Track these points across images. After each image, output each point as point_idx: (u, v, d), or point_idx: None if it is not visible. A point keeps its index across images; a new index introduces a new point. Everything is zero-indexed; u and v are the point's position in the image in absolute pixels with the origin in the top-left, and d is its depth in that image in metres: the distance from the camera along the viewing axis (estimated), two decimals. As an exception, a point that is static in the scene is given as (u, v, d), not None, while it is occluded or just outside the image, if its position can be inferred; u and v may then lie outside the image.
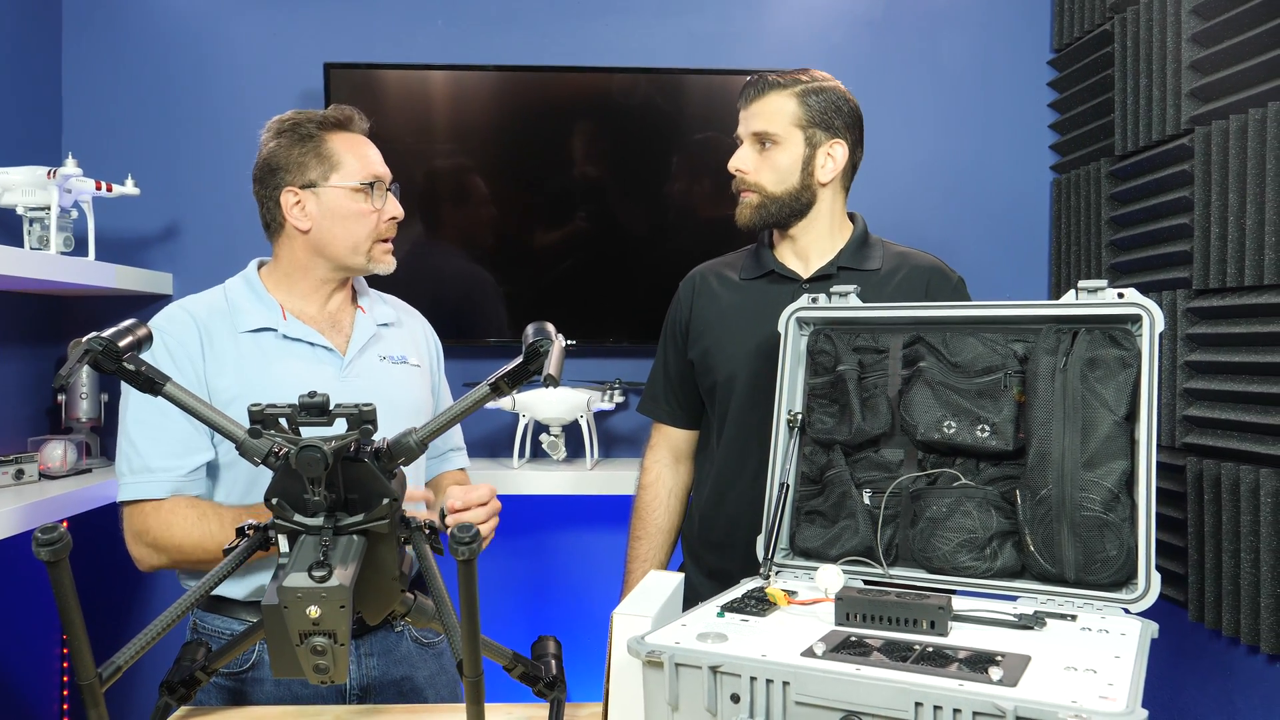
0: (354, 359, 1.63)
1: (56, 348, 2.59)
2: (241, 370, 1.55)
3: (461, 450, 1.88)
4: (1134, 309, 1.25)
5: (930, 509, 1.32)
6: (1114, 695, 0.89)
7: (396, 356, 1.69)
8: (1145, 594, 1.18)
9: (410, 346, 1.74)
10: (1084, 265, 2.52)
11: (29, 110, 2.51)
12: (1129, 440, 1.25)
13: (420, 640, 1.67)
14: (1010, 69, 2.74)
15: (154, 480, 1.51)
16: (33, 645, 2.50)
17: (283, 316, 1.61)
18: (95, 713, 0.96)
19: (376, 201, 1.61)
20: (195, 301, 1.62)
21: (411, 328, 1.79)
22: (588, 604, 2.72)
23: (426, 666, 1.67)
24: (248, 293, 1.63)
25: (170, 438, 1.52)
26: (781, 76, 1.73)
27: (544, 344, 1.07)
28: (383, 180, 1.63)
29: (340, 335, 1.65)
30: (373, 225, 1.62)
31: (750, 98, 1.74)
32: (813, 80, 1.73)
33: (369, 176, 1.61)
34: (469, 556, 0.87)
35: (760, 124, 1.71)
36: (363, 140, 1.65)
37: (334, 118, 1.63)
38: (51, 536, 0.86)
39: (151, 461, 1.51)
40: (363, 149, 1.64)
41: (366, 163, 1.62)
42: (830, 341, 1.45)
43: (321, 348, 1.61)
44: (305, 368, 1.58)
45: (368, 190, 1.60)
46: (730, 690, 0.98)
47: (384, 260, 1.65)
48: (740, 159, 1.74)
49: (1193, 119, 2.05)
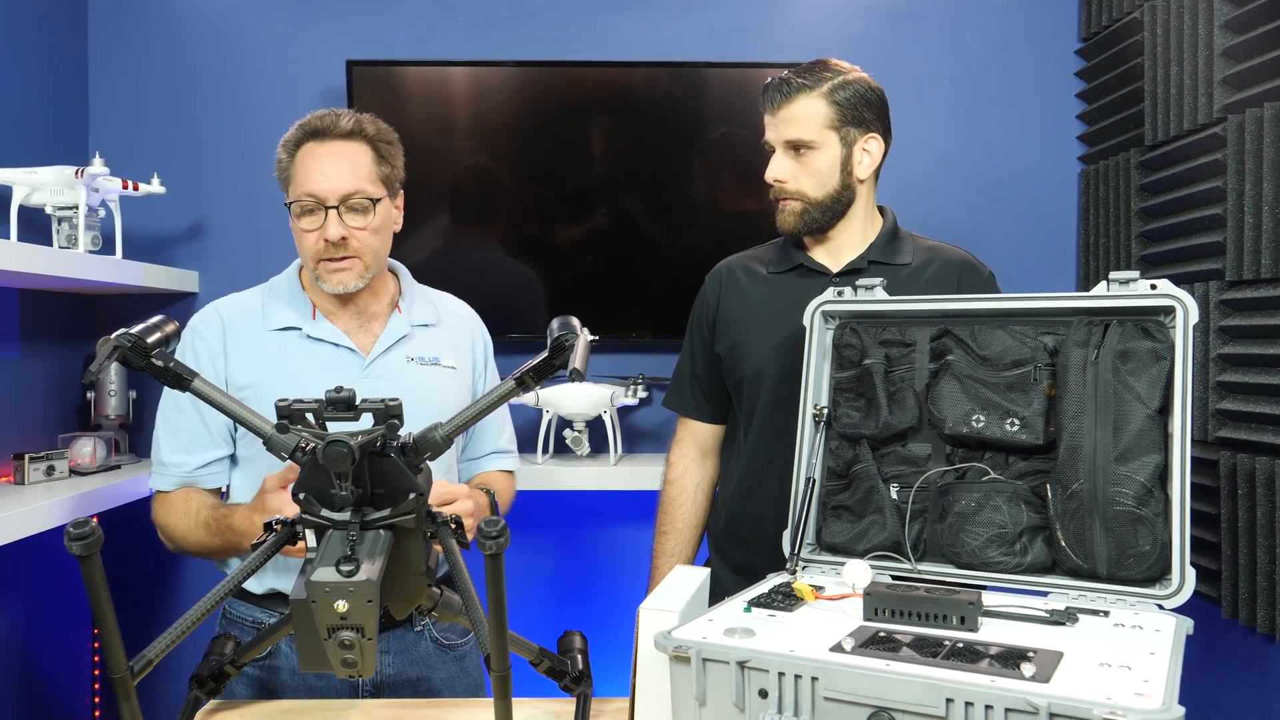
0: (376, 359, 1.62)
1: (85, 346, 2.62)
2: (261, 368, 1.58)
3: (507, 454, 1.84)
4: (1167, 300, 1.23)
5: (959, 503, 1.30)
6: (1150, 692, 0.88)
7: (428, 358, 1.67)
8: (1180, 589, 1.16)
9: (448, 347, 1.71)
10: (1113, 257, 2.49)
11: (56, 111, 2.53)
12: (1162, 434, 1.23)
13: (440, 641, 1.66)
14: (1037, 59, 2.71)
15: (165, 474, 1.60)
16: (64, 639, 2.53)
17: (312, 316, 1.62)
18: (127, 706, 0.97)
19: (306, 222, 1.56)
20: (231, 301, 1.66)
21: (454, 328, 1.75)
22: (613, 599, 2.72)
23: (446, 668, 1.66)
24: (285, 291, 1.66)
25: (181, 434, 1.60)
26: (804, 76, 1.67)
27: (569, 338, 1.07)
28: (316, 198, 1.54)
29: (369, 336, 1.64)
30: (309, 245, 1.57)
31: (776, 103, 1.68)
32: (837, 74, 1.68)
33: (299, 195, 1.56)
34: (496, 551, 0.87)
35: (793, 131, 1.67)
36: (320, 152, 1.56)
37: (307, 128, 1.58)
38: (83, 531, 0.87)
39: (164, 456, 1.60)
40: (311, 163, 1.56)
41: (302, 180, 1.56)
42: (856, 335, 1.44)
43: (345, 349, 1.61)
44: (324, 368, 1.59)
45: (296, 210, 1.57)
46: (758, 685, 0.97)
47: (330, 280, 1.58)
48: (777, 169, 1.69)
49: (1225, 107, 2.01)
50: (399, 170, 1.64)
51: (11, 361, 2.31)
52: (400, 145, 1.66)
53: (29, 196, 2.18)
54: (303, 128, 1.58)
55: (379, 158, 1.60)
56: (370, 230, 1.58)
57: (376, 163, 1.59)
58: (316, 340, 1.61)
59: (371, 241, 1.59)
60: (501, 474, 1.83)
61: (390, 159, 1.62)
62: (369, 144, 1.59)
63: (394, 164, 1.63)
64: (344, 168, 1.55)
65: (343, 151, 1.57)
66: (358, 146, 1.58)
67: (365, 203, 1.57)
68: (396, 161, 1.63)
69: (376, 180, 1.59)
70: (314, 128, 1.58)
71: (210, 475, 1.61)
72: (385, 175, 1.61)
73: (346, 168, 1.56)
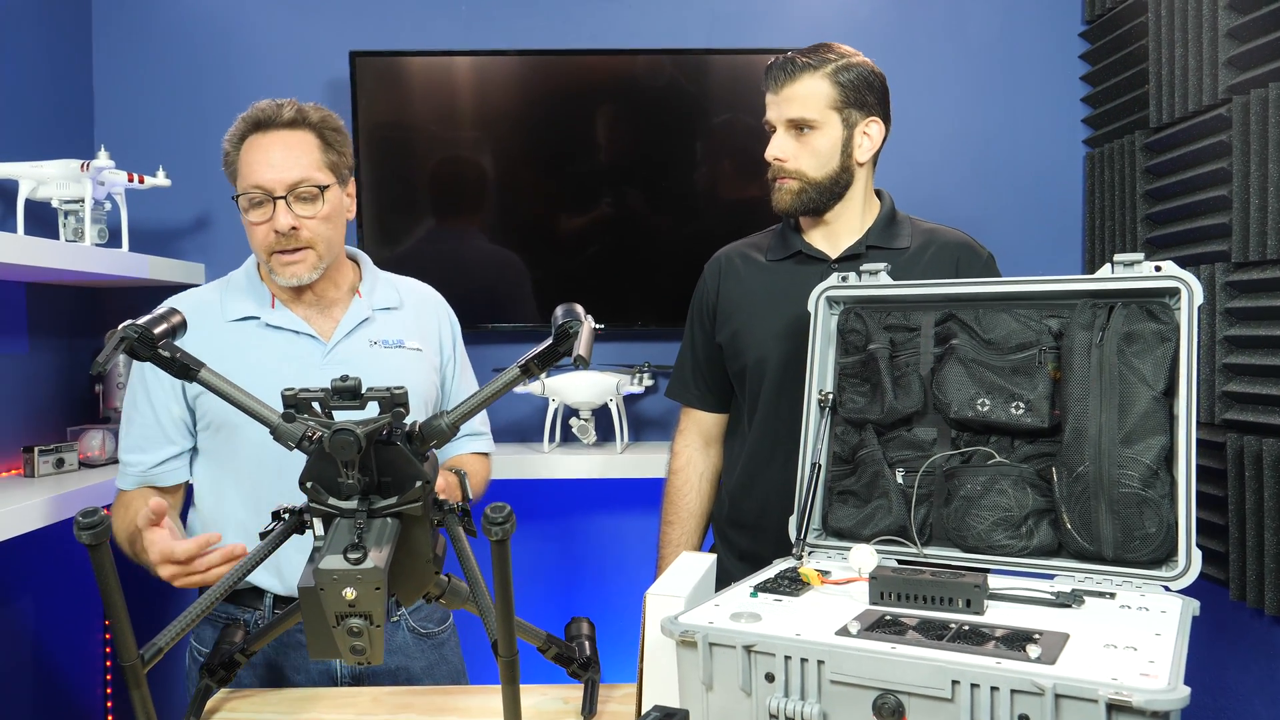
0: (337, 345, 1.61)
1: (93, 339, 2.62)
2: (220, 360, 1.52)
3: (481, 436, 1.84)
4: (1172, 282, 1.23)
5: (964, 487, 1.31)
6: (1155, 673, 0.88)
7: (391, 340, 1.66)
8: (1186, 571, 1.16)
9: (412, 329, 1.70)
10: (1118, 240, 2.48)
11: (62, 104, 2.54)
12: (1168, 416, 1.23)
13: (418, 631, 1.67)
14: (1041, 41, 2.69)
15: (124, 473, 1.60)
16: (75, 630, 2.55)
17: (270, 305, 1.61)
18: (138, 694, 0.98)
19: (254, 215, 1.55)
20: (183, 298, 1.65)
21: (418, 310, 1.74)
22: (619, 587, 2.73)
23: (424, 657, 1.67)
24: (244, 282, 1.65)
25: (136, 433, 1.59)
26: (809, 56, 1.68)
27: (574, 325, 1.07)
28: (264, 190, 1.53)
29: (329, 321, 1.63)
30: (259, 238, 1.56)
31: (780, 81, 1.69)
32: (841, 57, 1.69)
33: (245, 187, 1.54)
34: (502, 537, 0.87)
35: (795, 110, 1.67)
36: (264, 143, 1.55)
37: (249, 120, 1.56)
38: (92, 520, 0.88)
39: (123, 454, 1.61)
40: (254, 154, 1.54)
41: (247, 172, 1.54)
42: (861, 320, 1.44)
43: (305, 335, 1.60)
44: (283, 356, 1.58)
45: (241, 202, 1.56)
46: (765, 670, 0.98)
47: (282, 272, 1.57)
48: (778, 147, 1.70)
49: (1230, 88, 2.00)
50: (347, 157, 1.62)
51: (19, 355, 2.32)
52: (347, 133, 1.64)
53: (35, 190, 2.19)
54: (246, 120, 1.57)
55: (325, 145, 1.58)
56: (320, 219, 1.56)
57: (323, 150, 1.57)
58: (275, 329, 1.60)
59: (323, 230, 1.57)
60: (475, 456, 1.82)
61: (337, 146, 1.60)
62: (314, 132, 1.57)
63: (341, 151, 1.61)
64: (289, 157, 1.54)
65: (287, 141, 1.55)
66: (302, 135, 1.56)
67: (313, 190, 1.55)
68: (344, 149, 1.61)
69: (324, 168, 1.57)
70: (256, 119, 1.56)
71: (167, 472, 1.59)
72: (333, 163, 1.59)
73: (292, 157, 1.54)
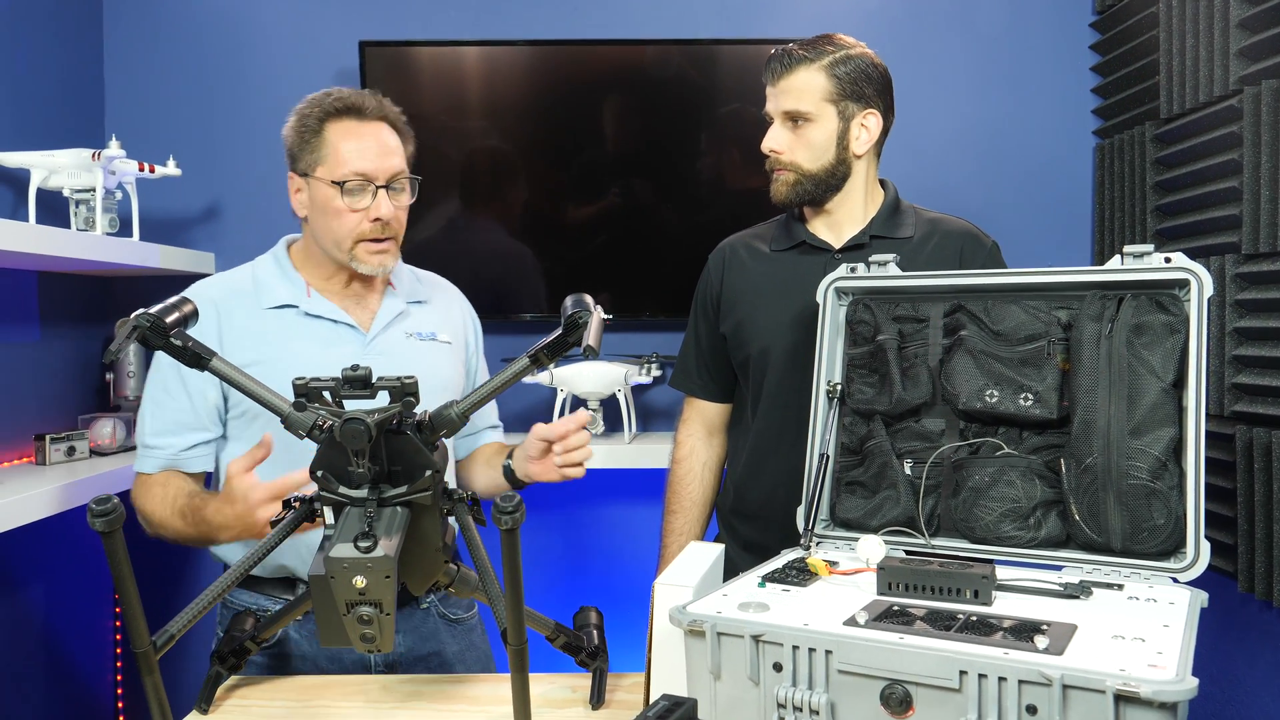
0: (378, 335, 1.62)
1: (104, 327, 2.64)
2: (261, 347, 1.55)
3: (498, 428, 1.87)
4: (1181, 273, 1.22)
5: (973, 479, 1.31)
6: (1163, 664, 0.88)
7: (425, 333, 1.67)
8: (1194, 563, 1.16)
9: (442, 323, 1.72)
10: (1128, 231, 2.47)
11: (73, 94, 2.54)
12: (1177, 407, 1.22)
13: (448, 616, 1.68)
14: (1050, 32, 2.68)
15: (150, 456, 1.57)
16: (87, 617, 2.57)
17: (306, 294, 1.61)
18: (150, 680, 0.99)
19: (353, 201, 1.53)
20: (213, 283, 1.63)
21: (445, 304, 1.76)
22: (626, 577, 2.73)
23: (455, 642, 1.68)
24: (275, 270, 1.63)
25: (168, 416, 1.57)
26: (806, 49, 1.67)
27: (583, 315, 1.07)
28: (367, 178, 1.53)
29: (366, 312, 1.64)
30: (351, 225, 1.54)
31: (777, 74, 1.68)
32: (839, 49, 1.67)
33: (347, 174, 1.53)
34: (512, 526, 0.88)
35: (790, 102, 1.67)
36: (363, 131, 1.55)
37: (341, 104, 1.55)
38: (106, 508, 0.88)
39: (149, 438, 1.57)
40: (355, 142, 1.54)
41: (350, 158, 1.53)
42: (869, 311, 1.43)
43: (345, 325, 1.60)
44: (326, 344, 1.58)
45: (343, 188, 1.54)
46: (773, 659, 0.98)
47: (369, 261, 1.57)
48: (774, 139, 1.70)
49: (1241, 79, 1.99)
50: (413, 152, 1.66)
51: (31, 343, 2.34)
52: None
53: (47, 179, 2.20)
54: (331, 104, 1.55)
55: (404, 139, 1.61)
56: (404, 210, 1.61)
57: (404, 144, 1.61)
58: (316, 318, 1.59)
59: (405, 222, 1.61)
60: (500, 446, 1.83)
61: (409, 141, 1.63)
62: (393, 126, 1.60)
63: (411, 146, 1.64)
64: (388, 147, 1.57)
65: (380, 132, 1.57)
66: (388, 128, 1.59)
67: (406, 183, 1.59)
68: (411, 144, 1.65)
69: (407, 160, 1.61)
70: (349, 104, 1.56)
71: (195, 458, 1.58)
72: (410, 156, 1.63)
73: (389, 147, 1.57)
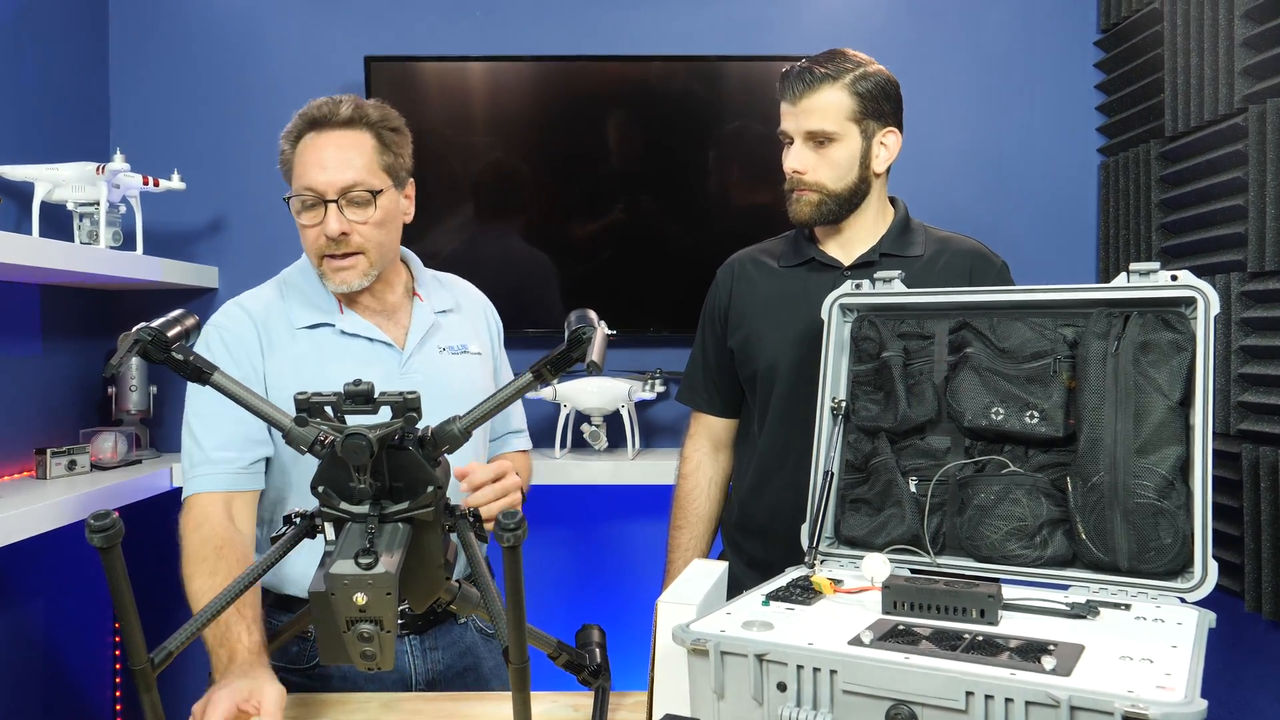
0: (413, 353, 1.59)
1: (106, 341, 2.64)
2: (299, 369, 1.52)
3: (521, 433, 1.85)
4: (1188, 291, 1.22)
5: (978, 497, 1.30)
6: (1172, 685, 0.87)
7: (456, 346, 1.65)
8: (1202, 582, 1.15)
9: (470, 333, 1.69)
10: (1133, 249, 2.46)
11: (78, 107, 2.55)
12: (1183, 426, 1.22)
13: (485, 631, 1.66)
14: (1056, 50, 2.69)
15: (210, 473, 1.47)
16: (85, 632, 2.56)
17: (340, 310, 1.57)
18: (148, 697, 0.97)
19: (307, 217, 1.50)
20: (252, 299, 1.59)
21: (471, 312, 1.73)
22: (630, 594, 2.72)
23: (493, 657, 1.66)
24: (304, 285, 1.59)
25: (227, 430, 1.48)
26: (827, 66, 1.65)
27: (586, 331, 1.07)
28: (315, 192, 1.48)
29: (398, 327, 1.61)
30: (311, 240, 1.52)
31: (799, 92, 1.65)
32: (858, 65, 1.66)
33: (299, 189, 1.50)
34: (514, 543, 0.87)
35: (815, 122, 1.65)
36: (319, 143, 1.50)
37: (306, 118, 1.52)
38: (105, 523, 0.87)
39: (209, 452, 1.48)
40: (310, 154, 1.49)
41: (302, 172, 1.49)
42: (875, 328, 1.43)
43: (380, 343, 1.57)
44: (363, 363, 1.54)
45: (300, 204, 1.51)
46: (777, 679, 0.97)
47: (334, 278, 1.53)
48: (797, 159, 1.67)
49: (1246, 98, 1.99)
50: (405, 159, 1.57)
51: (33, 357, 2.33)
52: (408, 132, 1.59)
53: (51, 193, 2.20)
54: (302, 117, 1.52)
55: (382, 146, 1.53)
56: (373, 224, 1.51)
57: (379, 152, 1.52)
58: (351, 336, 1.56)
59: (375, 235, 1.52)
60: (520, 453, 1.83)
61: (395, 147, 1.55)
62: (371, 131, 1.52)
63: (399, 152, 1.55)
64: (343, 158, 1.49)
65: (342, 141, 1.50)
66: (359, 135, 1.51)
67: (365, 195, 1.50)
68: (403, 150, 1.56)
69: (379, 170, 1.52)
70: (313, 117, 1.51)
71: (257, 476, 1.51)
72: (389, 165, 1.53)
73: (346, 158, 1.49)
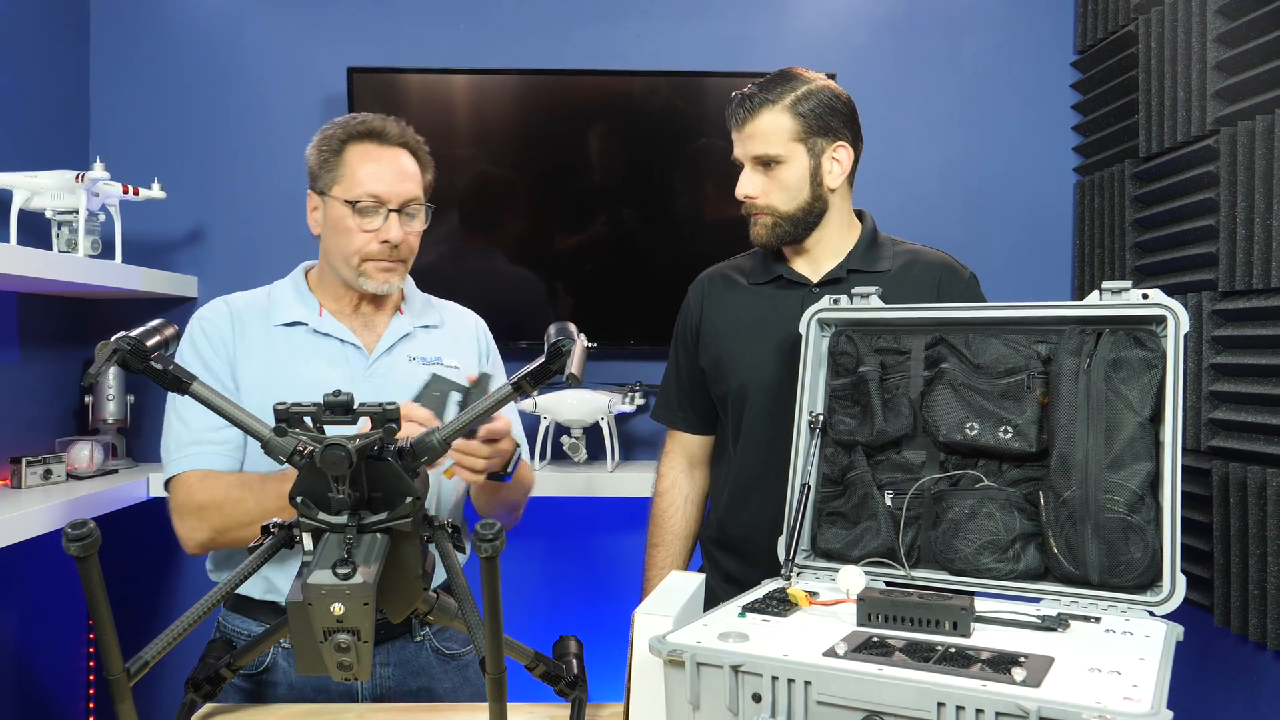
0: (379, 357, 1.64)
1: (84, 350, 2.62)
2: (269, 362, 1.58)
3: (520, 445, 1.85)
4: (1159, 310, 1.24)
5: (952, 510, 1.31)
6: (1139, 696, 0.88)
7: (429, 358, 1.68)
8: (1170, 596, 1.17)
9: (450, 348, 1.73)
10: (1108, 267, 2.50)
11: (57, 115, 2.54)
12: (1154, 442, 1.24)
13: (442, 651, 1.66)
14: (1033, 71, 2.73)
15: (204, 452, 1.53)
16: (60, 642, 2.53)
17: (319, 313, 1.64)
18: (123, 707, 0.97)
19: (364, 221, 1.58)
20: (239, 296, 1.68)
21: (456, 328, 1.77)
22: (608, 605, 2.72)
23: (448, 678, 1.66)
24: (291, 290, 1.67)
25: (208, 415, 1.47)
26: (767, 90, 1.66)
27: (566, 343, 1.07)
28: (380, 200, 1.58)
29: (372, 335, 1.67)
30: (360, 244, 1.58)
31: (741, 119, 1.68)
32: (800, 85, 1.66)
33: (360, 194, 1.57)
34: (492, 554, 0.88)
35: (759, 147, 1.67)
36: (381, 155, 1.60)
37: (364, 128, 1.61)
38: (81, 532, 0.87)
39: (203, 435, 1.53)
40: (372, 165, 1.59)
41: (365, 179, 1.58)
42: (852, 343, 1.44)
43: (350, 345, 1.63)
44: (330, 364, 1.60)
45: (355, 208, 1.57)
46: (752, 690, 0.98)
47: (375, 279, 1.61)
48: (747, 185, 1.70)
49: (1218, 120, 2.03)
50: (433, 180, 1.69)
51: (10, 365, 2.32)
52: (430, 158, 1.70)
53: (29, 200, 2.19)
54: (353, 126, 1.61)
55: (423, 167, 1.65)
56: (417, 235, 1.64)
57: (423, 171, 1.65)
58: (324, 336, 1.63)
59: (416, 246, 1.65)
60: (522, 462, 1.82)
61: (428, 169, 1.67)
62: (414, 154, 1.64)
63: (430, 174, 1.68)
64: (405, 172, 1.61)
65: (398, 157, 1.61)
66: (409, 156, 1.63)
67: (419, 209, 1.63)
68: (432, 172, 1.69)
69: (424, 188, 1.65)
70: (370, 128, 1.61)
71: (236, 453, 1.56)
72: (428, 184, 1.67)
73: (409, 172, 1.62)
